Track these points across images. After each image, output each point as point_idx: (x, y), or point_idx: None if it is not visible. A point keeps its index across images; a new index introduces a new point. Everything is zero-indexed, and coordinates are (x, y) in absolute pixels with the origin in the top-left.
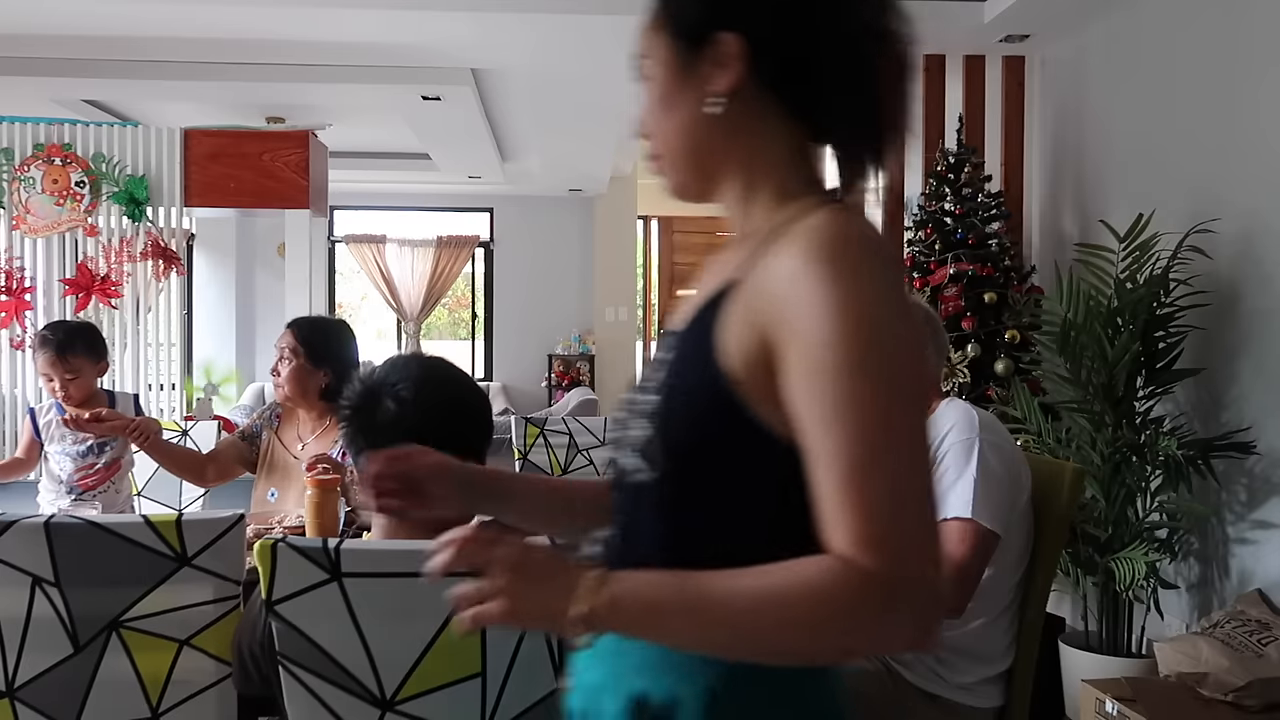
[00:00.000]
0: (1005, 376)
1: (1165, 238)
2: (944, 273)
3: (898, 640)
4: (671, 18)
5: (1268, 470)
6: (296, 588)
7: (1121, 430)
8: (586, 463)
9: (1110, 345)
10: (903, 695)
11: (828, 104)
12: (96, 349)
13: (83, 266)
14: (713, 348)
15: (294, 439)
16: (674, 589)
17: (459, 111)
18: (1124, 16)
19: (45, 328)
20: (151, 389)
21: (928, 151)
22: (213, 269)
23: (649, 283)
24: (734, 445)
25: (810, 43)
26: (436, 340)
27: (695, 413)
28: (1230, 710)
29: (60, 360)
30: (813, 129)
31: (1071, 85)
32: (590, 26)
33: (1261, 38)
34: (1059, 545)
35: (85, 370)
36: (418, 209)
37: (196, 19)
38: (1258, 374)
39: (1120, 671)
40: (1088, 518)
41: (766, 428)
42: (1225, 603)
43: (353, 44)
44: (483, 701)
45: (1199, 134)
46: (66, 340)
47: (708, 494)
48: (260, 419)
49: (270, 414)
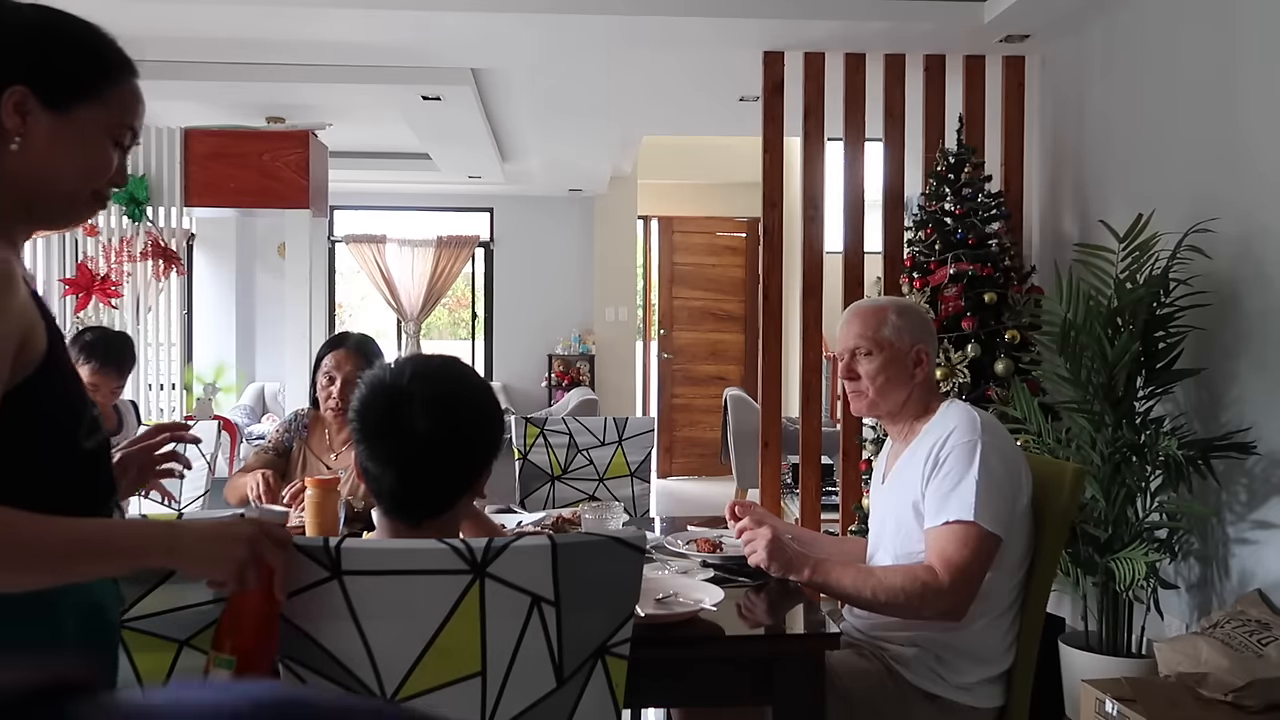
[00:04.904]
0: (1005, 377)
1: (1165, 238)
2: (944, 273)
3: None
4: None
5: (1268, 470)
6: (297, 586)
7: (1121, 430)
8: (586, 462)
9: (1110, 345)
10: (903, 695)
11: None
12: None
13: (83, 266)
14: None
15: (324, 449)
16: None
17: (459, 111)
18: (1124, 16)
19: (90, 333)
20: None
21: (928, 151)
22: (213, 269)
23: (649, 283)
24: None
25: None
26: (436, 340)
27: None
28: (1230, 710)
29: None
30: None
31: (1071, 85)
32: (590, 26)
33: (1261, 38)
34: (1059, 545)
35: (109, 384)
36: (418, 209)
37: (196, 19)
38: (1258, 374)
39: (1120, 671)
40: (1088, 518)
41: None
42: (1225, 603)
43: (353, 44)
44: (483, 701)
45: (1199, 134)
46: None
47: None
48: (289, 431)
49: (299, 424)
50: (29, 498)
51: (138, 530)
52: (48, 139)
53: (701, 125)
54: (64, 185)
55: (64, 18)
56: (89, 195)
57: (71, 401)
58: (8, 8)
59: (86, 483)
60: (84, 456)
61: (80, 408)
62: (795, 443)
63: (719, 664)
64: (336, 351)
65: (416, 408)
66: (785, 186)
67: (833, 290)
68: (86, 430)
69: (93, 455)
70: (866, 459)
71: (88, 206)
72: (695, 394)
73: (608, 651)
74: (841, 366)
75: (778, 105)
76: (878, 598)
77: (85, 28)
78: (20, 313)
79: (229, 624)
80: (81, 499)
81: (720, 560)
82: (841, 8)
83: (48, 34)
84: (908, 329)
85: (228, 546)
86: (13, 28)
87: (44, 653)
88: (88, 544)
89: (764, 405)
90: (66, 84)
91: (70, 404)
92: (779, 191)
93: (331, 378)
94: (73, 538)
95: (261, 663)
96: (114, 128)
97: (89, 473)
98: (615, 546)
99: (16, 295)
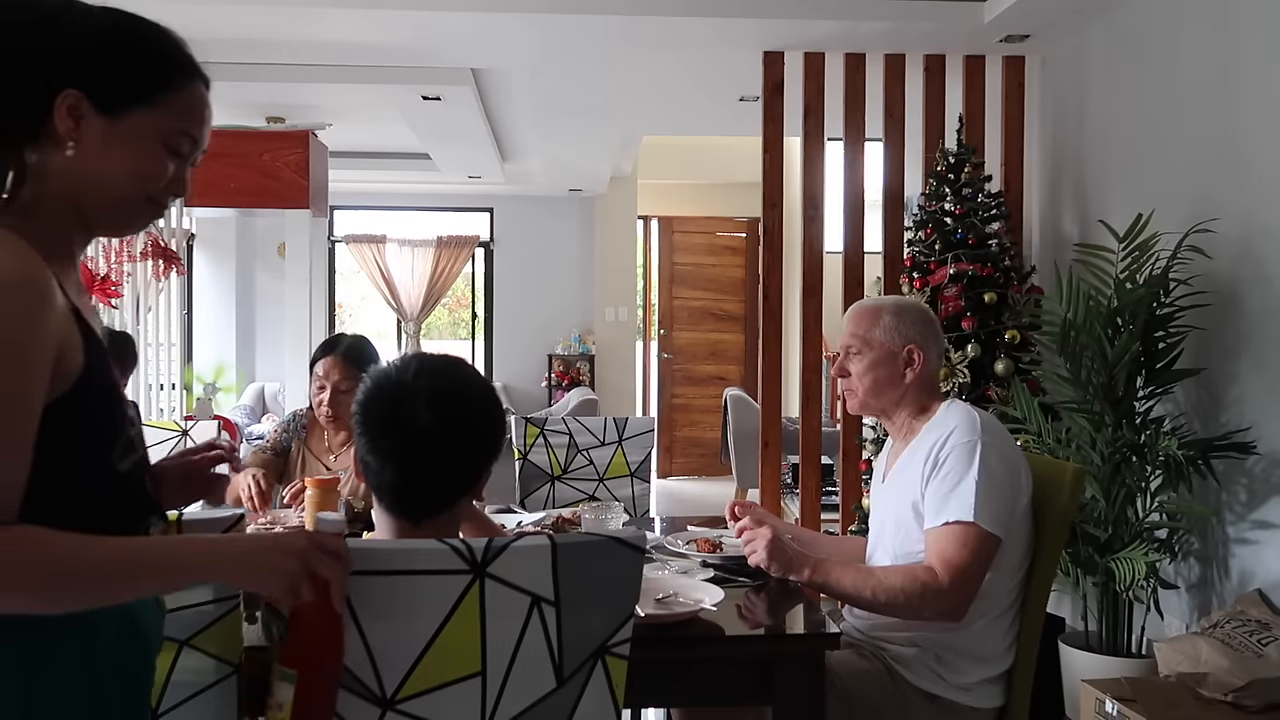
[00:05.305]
0: (1005, 377)
1: (1165, 238)
2: (944, 273)
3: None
4: None
5: (1268, 470)
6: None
7: (1121, 430)
8: (586, 462)
9: (1110, 345)
10: (903, 695)
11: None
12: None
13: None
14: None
15: (323, 449)
16: None
17: (459, 111)
18: (1124, 16)
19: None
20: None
21: (928, 151)
22: (213, 269)
23: (649, 283)
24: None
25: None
26: (436, 340)
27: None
28: (1230, 710)
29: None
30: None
31: (1071, 85)
32: (590, 26)
33: (1261, 38)
34: (1059, 545)
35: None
36: (418, 209)
37: (197, 19)
38: (1258, 374)
39: (1120, 671)
40: (1088, 518)
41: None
42: (1225, 603)
43: (353, 44)
44: (483, 701)
45: (1199, 134)
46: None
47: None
48: (287, 432)
49: (296, 425)
50: (60, 517)
51: (179, 546)
52: (100, 144)
53: (701, 125)
54: (116, 191)
55: (127, 19)
56: (143, 201)
57: (107, 421)
58: (74, 9)
59: (120, 504)
60: (117, 477)
61: (116, 428)
62: (795, 443)
63: (719, 664)
64: (326, 359)
65: (420, 403)
66: (785, 186)
67: (833, 290)
68: (121, 451)
69: (127, 476)
70: (866, 459)
71: (142, 213)
72: (695, 394)
73: (608, 651)
74: (835, 365)
75: (778, 105)
76: (877, 598)
77: (149, 30)
78: (54, 329)
79: (290, 637)
80: (115, 520)
81: (720, 560)
82: (841, 8)
83: (105, 37)
84: (900, 328)
85: (277, 559)
86: (70, 29)
87: (79, 663)
88: (127, 563)
89: (764, 405)
90: (119, 88)
91: (105, 424)
92: (779, 191)
93: (322, 385)
94: (110, 556)
95: (323, 675)
96: (170, 134)
97: (123, 494)
98: (615, 546)
99: (50, 310)
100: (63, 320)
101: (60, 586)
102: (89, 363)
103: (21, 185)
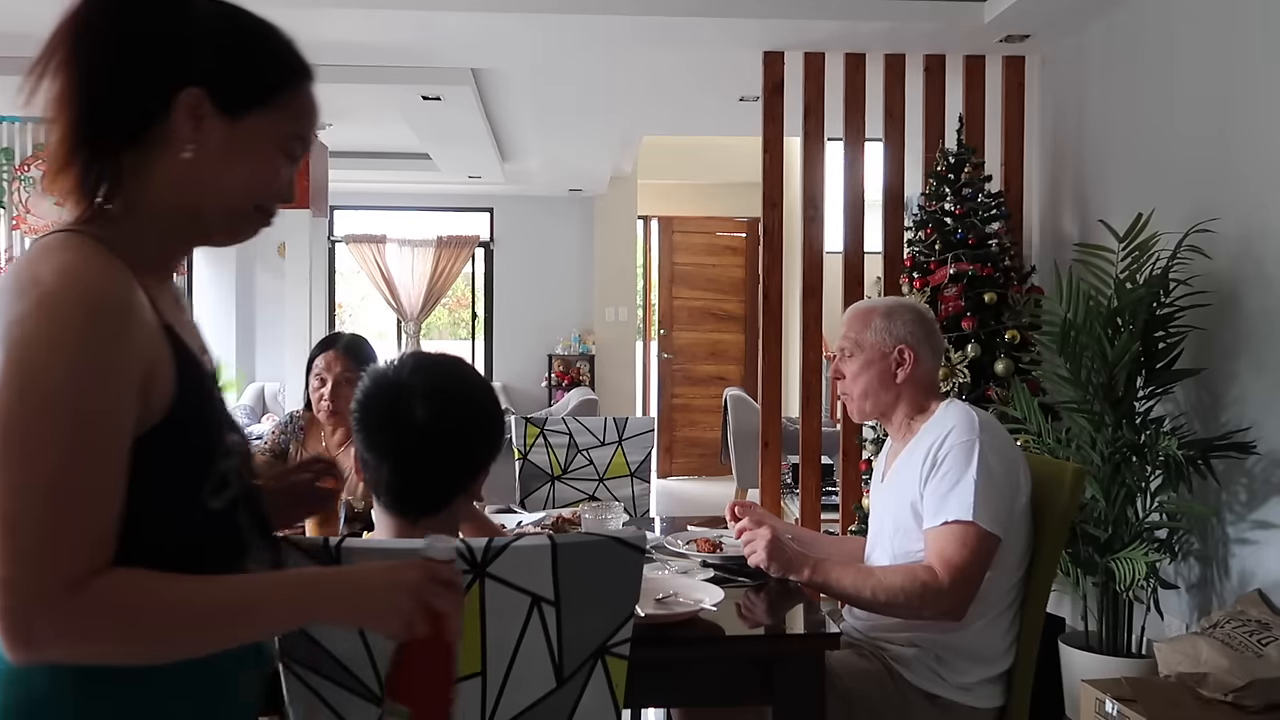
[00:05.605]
0: (1005, 376)
1: (1165, 238)
2: (944, 273)
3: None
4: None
5: (1268, 470)
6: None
7: (1121, 430)
8: (586, 462)
9: (1110, 345)
10: (903, 695)
11: None
12: None
13: None
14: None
15: (321, 451)
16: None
17: (459, 111)
18: (1124, 17)
19: None
20: None
21: (928, 151)
22: (213, 269)
23: (649, 283)
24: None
25: None
26: (436, 340)
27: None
28: (1230, 710)
29: None
30: None
31: (1071, 85)
32: (591, 26)
33: (1261, 38)
34: (1059, 545)
35: None
36: (418, 209)
37: None
38: (1258, 374)
39: (1120, 671)
40: (1088, 518)
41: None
42: (1225, 603)
43: (353, 44)
44: (483, 701)
45: (1198, 133)
46: None
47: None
48: (285, 433)
49: (294, 426)
50: (149, 559)
51: (288, 589)
52: (220, 147)
53: (701, 125)
54: (228, 198)
55: (245, 16)
56: (252, 210)
57: (199, 455)
58: (195, 4)
59: (213, 544)
60: (209, 516)
61: (208, 462)
62: (795, 443)
63: (719, 664)
64: (327, 353)
65: (417, 399)
66: (785, 186)
67: (833, 290)
68: (214, 487)
69: (221, 515)
70: (866, 459)
71: (250, 222)
72: (695, 394)
73: (608, 651)
74: (832, 368)
75: (778, 105)
76: (877, 598)
77: (265, 27)
78: (140, 354)
79: (400, 672)
80: (207, 562)
81: (720, 560)
82: (841, 8)
83: (227, 34)
84: (891, 329)
85: (392, 597)
86: (192, 25)
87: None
88: (241, 611)
89: (764, 405)
90: (241, 88)
91: (197, 458)
92: (779, 191)
93: (323, 379)
94: (218, 603)
95: (436, 709)
96: (285, 138)
97: (216, 533)
98: (615, 546)
99: (135, 329)
100: (151, 342)
101: (166, 634)
102: (181, 389)
103: (116, 192)
